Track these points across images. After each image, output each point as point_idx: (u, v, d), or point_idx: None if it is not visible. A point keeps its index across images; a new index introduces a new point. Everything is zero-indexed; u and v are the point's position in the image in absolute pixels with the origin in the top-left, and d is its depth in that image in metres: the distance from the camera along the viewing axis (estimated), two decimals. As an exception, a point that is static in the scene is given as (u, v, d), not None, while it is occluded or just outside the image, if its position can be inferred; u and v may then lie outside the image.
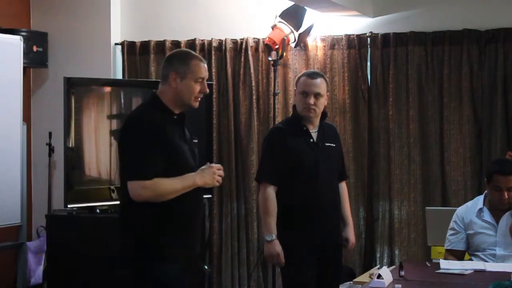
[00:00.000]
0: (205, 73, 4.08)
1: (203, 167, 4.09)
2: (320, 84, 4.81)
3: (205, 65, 4.09)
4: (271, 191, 4.75)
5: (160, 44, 7.36)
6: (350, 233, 5.02)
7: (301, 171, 4.74)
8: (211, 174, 4.05)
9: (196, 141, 4.36)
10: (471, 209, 5.21)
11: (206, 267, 4.08)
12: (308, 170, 4.74)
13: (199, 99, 4.12)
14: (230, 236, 7.20)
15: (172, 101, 4.04)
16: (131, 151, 3.94)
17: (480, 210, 5.14)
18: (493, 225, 5.08)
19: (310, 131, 4.81)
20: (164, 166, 3.89)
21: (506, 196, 4.97)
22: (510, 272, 4.21)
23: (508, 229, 3.76)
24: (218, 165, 4.13)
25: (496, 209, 5.11)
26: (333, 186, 4.86)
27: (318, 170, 4.75)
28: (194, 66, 4.03)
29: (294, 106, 4.93)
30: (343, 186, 5.05)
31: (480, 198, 5.23)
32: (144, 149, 3.88)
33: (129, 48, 7.42)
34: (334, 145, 4.89)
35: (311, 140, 4.77)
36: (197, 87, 4.05)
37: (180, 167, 3.97)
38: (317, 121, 4.85)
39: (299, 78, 4.88)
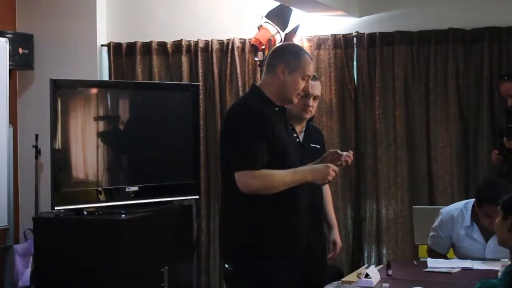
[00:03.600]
0: (312, 71, 4.05)
1: (319, 164, 4.02)
2: (319, 87, 4.85)
3: (313, 64, 4.07)
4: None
5: (146, 45, 7.36)
6: (337, 236, 5.02)
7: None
8: (325, 174, 3.95)
9: (319, 147, 4.30)
10: (458, 221, 5.00)
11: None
12: None
13: (300, 96, 4.07)
14: (218, 237, 7.18)
15: (275, 93, 3.98)
16: (237, 141, 3.85)
17: (468, 227, 5.00)
18: (482, 243, 4.99)
19: (297, 131, 4.78)
20: (269, 157, 3.83)
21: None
22: (497, 270, 4.22)
23: (495, 228, 3.76)
24: (335, 167, 4.01)
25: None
26: (318, 188, 4.83)
27: None
28: (305, 62, 3.99)
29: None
30: (326, 188, 5.03)
31: (468, 209, 5.00)
32: (250, 138, 3.81)
33: (115, 49, 7.41)
34: (318, 146, 4.88)
35: (297, 140, 4.68)
36: (302, 84, 4.00)
37: (284, 160, 3.91)
38: (304, 122, 4.84)
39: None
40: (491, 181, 5.50)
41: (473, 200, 5.01)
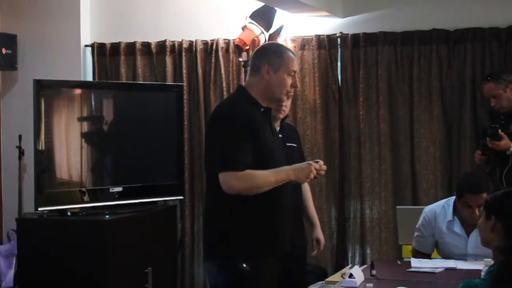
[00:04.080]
0: (297, 67, 4.06)
1: (301, 163, 4.03)
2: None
3: (297, 59, 4.07)
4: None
5: (130, 46, 7.35)
6: (320, 233, 5.02)
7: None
8: (307, 172, 3.94)
9: (296, 145, 4.29)
10: (441, 216, 5.12)
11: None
12: None
13: (290, 94, 4.08)
14: (202, 238, 7.18)
15: (261, 93, 3.99)
16: (220, 142, 3.86)
17: (450, 222, 5.09)
18: (464, 237, 5.05)
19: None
20: (253, 158, 3.83)
21: (477, 213, 4.93)
22: (480, 270, 4.24)
23: (477, 228, 3.79)
24: (317, 165, 3.97)
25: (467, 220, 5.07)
26: (298, 187, 4.82)
27: None
28: (288, 59, 4.00)
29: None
30: (306, 186, 5.03)
31: (450, 204, 5.13)
32: (235, 139, 3.82)
33: (99, 49, 7.39)
34: (295, 145, 4.87)
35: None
36: (289, 81, 4.01)
37: (268, 160, 3.91)
38: (279, 122, 4.84)
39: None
40: (470, 172, 5.84)
41: (454, 196, 5.11)
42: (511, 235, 3.49)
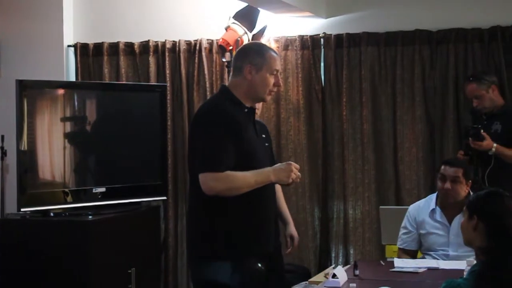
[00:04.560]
0: (279, 66, 4.05)
1: (280, 163, 4.00)
2: None
3: (279, 58, 4.07)
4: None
5: (114, 46, 7.33)
6: (293, 230, 4.99)
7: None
8: (288, 172, 3.92)
9: (268, 144, 4.28)
10: (424, 208, 5.29)
11: (259, 264, 3.98)
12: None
13: (272, 93, 4.07)
14: (185, 238, 7.17)
15: (245, 93, 3.98)
16: (202, 142, 3.85)
17: (433, 210, 5.22)
18: (445, 225, 5.16)
19: None
20: (236, 159, 3.81)
21: (450, 187, 5.07)
22: (462, 270, 4.26)
23: (460, 228, 3.82)
24: (296, 165, 3.97)
25: (449, 208, 5.17)
26: (273, 187, 4.80)
27: None
28: (270, 58, 3.99)
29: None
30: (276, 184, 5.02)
31: (433, 197, 5.30)
32: (216, 139, 3.80)
33: (82, 50, 7.37)
34: (267, 144, 4.87)
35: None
36: (272, 80, 4.00)
37: (252, 161, 3.90)
38: None
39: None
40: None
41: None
42: (493, 235, 3.51)
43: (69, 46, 7.40)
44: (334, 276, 4.34)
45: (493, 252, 3.46)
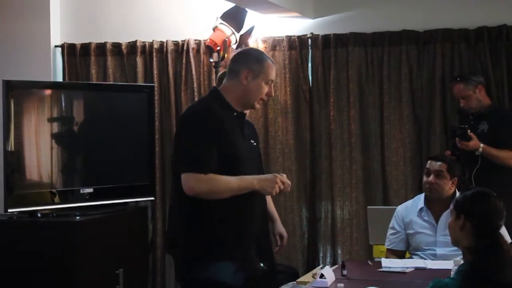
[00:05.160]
0: (274, 76, 4.07)
1: (268, 174, 4.01)
2: None
3: (276, 69, 4.08)
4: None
5: (101, 46, 7.31)
6: (281, 227, 4.98)
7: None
8: (272, 183, 3.92)
9: (255, 144, 4.28)
10: (412, 209, 5.31)
11: (261, 264, 3.98)
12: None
13: (261, 101, 4.08)
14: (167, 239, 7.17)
15: (236, 98, 3.98)
16: (187, 143, 3.85)
17: (421, 210, 5.24)
18: (433, 224, 5.18)
19: None
20: (221, 162, 3.81)
21: (433, 181, 5.11)
22: (450, 269, 4.27)
23: (447, 228, 3.84)
24: (284, 178, 3.98)
25: (436, 208, 5.20)
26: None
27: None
28: (268, 67, 4.01)
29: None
30: None
31: (421, 197, 5.33)
32: (201, 141, 3.80)
33: (69, 50, 7.35)
34: (255, 143, 4.86)
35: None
36: (266, 89, 4.01)
37: (237, 165, 3.89)
38: None
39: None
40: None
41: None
42: (479, 235, 3.52)
43: (56, 46, 7.38)
44: (321, 276, 4.35)
45: (480, 252, 3.48)
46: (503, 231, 4.36)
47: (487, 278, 3.40)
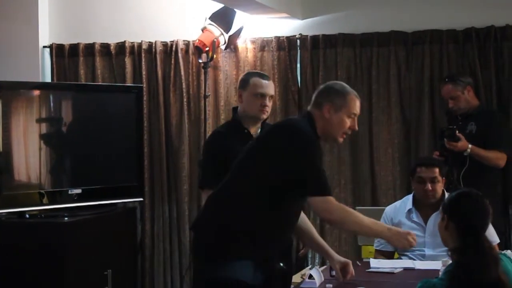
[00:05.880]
0: (358, 110, 4.04)
1: (400, 229, 4.21)
2: (273, 86, 4.92)
3: (359, 102, 4.06)
4: None
5: (90, 47, 7.30)
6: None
7: None
8: (403, 240, 4.05)
9: None
10: (400, 210, 5.31)
11: (281, 264, 3.97)
12: None
13: (345, 135, 4.06)
14: (162, 239, 7.18)
15: (320, 129, 3.98)
16: (312, 165, 3.82)
17: (409, 211, 5.25)
18: (422, 225, 5.18)
19: (252, 134, 4.74)
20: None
21: (430, 188, 5.11)
22: (438, 270, 4.28)
23: (437, 228, 3.84)
24: (413, 239, 4.06)
25: (424, 209, 5.21)
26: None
27: None
28: (350, 100, 4.00)
29: (235, 109, 4.88)
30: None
31: (409, 198, 5.33)
32: (320, 166, 3.86)
33: (57, 50, 7.33)
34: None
35: None
36: (348, 123, 4.00)
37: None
38: (259, 123, 4.85)
39: (248, 79, 4.79)
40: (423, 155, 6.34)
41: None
42: (463, 235, 3.53)
43: (44, 47, 7.36)
44: (310, 277, 4.35)
45: (464, 252, 3.48)
46: (491, 231, 4.39)
47: (472, 278, 3.41)
